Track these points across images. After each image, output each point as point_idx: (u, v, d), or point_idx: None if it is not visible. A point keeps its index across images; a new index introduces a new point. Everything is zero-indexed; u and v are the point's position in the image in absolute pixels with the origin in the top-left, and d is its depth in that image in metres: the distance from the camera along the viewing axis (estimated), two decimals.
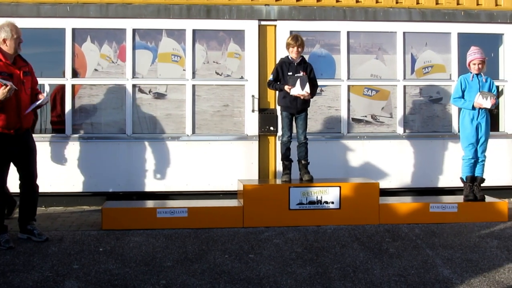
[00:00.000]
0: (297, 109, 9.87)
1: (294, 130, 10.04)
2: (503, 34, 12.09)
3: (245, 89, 11.53)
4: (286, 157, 10.04)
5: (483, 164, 10.24)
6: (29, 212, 8.84)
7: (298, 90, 9.63)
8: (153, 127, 11.40)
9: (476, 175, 10.21)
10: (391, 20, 11.79)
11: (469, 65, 10.26)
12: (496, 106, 10.31)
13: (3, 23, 8.58)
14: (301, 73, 9.76)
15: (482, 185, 10.23)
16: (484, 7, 11.97)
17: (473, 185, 10.16)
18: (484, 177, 10.26)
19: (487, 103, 9.90)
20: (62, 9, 11.16)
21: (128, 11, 11.28)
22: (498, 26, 12.02)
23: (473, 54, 10.19)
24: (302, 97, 9.73)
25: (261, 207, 9.52)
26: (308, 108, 10.07)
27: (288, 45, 9.92)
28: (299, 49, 9.85)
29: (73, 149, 11.16)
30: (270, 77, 10.11)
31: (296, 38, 9.85)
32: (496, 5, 12.00)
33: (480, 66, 10.11)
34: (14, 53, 8.52)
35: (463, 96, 10.15)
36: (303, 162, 10.00)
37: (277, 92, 10.35)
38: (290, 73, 9.79)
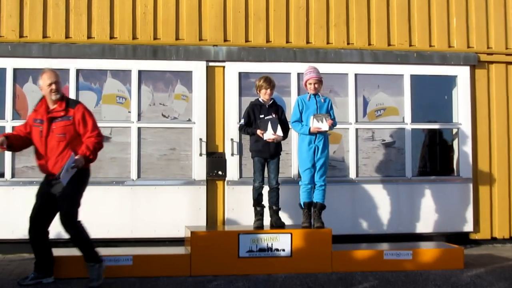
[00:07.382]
0: (270, 153, 9.81)
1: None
2: (456, 76, 12.12)
3: (192, 132, 11.41)
4: (258, 203, 9.91)
5: (323, 190, 9.99)
6: None
7: (269, 134, 9.56)
8: (97, 171, 11.01)
9: (315, 200, 10.00)
10: (343, 61, 11.81)
11: (305, 84, 10.07)
12: (334, 126, 10.06)
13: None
14: (273, 115, 9.67)
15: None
16: (436, 49, 12.07)
17: (311, 211, 9.97)
18: (324, 203, 10.04)
19: (324, 126, 9.75)
20: (3, 48, 11.05)
21: (72, 51, 11.15)
22: (451, 68, 12.05)
23: (309, 73, 9.98)
24: (275, 140, 9.61)
25: (210, 255, 9.36)
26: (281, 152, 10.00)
27: (260, 87, 9.82)
28: (272, 91, 9.77)
29: (12, 194, 10.91)
30: (241, 121, 10.03)
31: (269, 80, 9.79)
32: (449, 46, 12.12)
33: (316, 85, 9.90)
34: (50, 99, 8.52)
35: (301, 117, 9.97)
36: (274, 208, 9.91)
37: (248, 136, 10.15)
38: (261, 116, 9.69)
